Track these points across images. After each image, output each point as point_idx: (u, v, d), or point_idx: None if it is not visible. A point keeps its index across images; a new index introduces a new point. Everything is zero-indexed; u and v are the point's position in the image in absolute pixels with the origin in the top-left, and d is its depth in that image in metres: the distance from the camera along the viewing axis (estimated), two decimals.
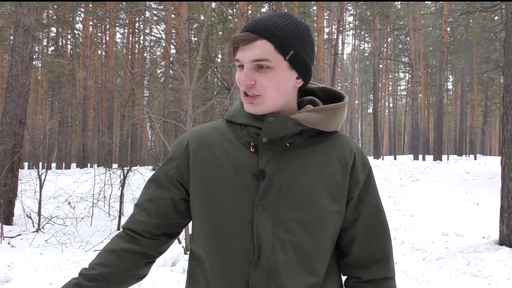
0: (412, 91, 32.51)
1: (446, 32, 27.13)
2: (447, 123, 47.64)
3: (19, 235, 8.00)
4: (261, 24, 1.18)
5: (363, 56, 52.49)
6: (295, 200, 1.20)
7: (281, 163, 1.21)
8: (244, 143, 1.25)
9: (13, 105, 9.31)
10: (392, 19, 31.88)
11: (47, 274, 5.29)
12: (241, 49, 1.19)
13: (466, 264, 5.84)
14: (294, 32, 1.19)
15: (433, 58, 38.47)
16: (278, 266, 1.17)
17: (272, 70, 1.18)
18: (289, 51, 1.18)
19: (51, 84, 31.40)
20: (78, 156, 28.40)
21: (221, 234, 1.21)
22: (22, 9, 9.55)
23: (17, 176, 9.36)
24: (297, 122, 1.21)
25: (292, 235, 1.19)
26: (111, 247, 1.30)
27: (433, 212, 9.76)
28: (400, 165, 20.79)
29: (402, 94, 54.14)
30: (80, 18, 30.53)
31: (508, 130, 6.49)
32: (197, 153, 1.27)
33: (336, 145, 1.27)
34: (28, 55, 9.60)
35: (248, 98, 1.21)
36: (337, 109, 1.26)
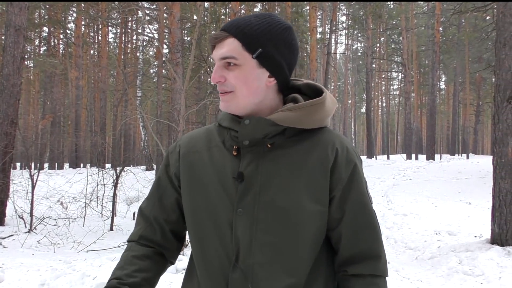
0: (405, 90, 32.60)
1: (438, 31, 27.27)
2: (440, 123, 47.83)
3: (11, 236, 7.96)
4: (234, 23, 1.21)
5: (356, 55, 52.56)
6: (273, 202, 1.20)
7: (260, 164, 1.22)
8: (229, 147, 1.27)
9: (5, 105, 9.27)
10: (384, 19, 31.95)
11: (39, 274, 5.26)
12: (215, 47, 1.23)
13: (458, 263, 5.86)
14: (265, 31, 1.20)
15: (425, 57, 38.56)
16: (256, 267, 1.19)
17: (239, 67, 1.20)
18: (257, 49, 1.19)
19: (43, 84, 31.25)
20: (71, 156, 28.29)
21: (204, 236, 1.26)
22: (13, 8, 9.50)
23: (8, 177, 9.31)
24: (272, 123, 1.21)
25: (270, 237, 1.19)
26: (140, 253, 1.34)
27: (426, 211, 9.80)
28: (393, 164, 20.88)
29: (395, 94, 54.28)
30: (72, 17, 30.38)
31: (500, 130, 6.51)
32: (186, 158, 1.33)
33: (319, 142, 1.25)
34: (20, 55, 9.56)
35: (221, 96, 1.24)
36: (314, 106, 1.24)
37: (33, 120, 33.71)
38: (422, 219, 9.11)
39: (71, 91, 28.66)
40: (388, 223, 8.95)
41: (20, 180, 9.91)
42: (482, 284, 5.13)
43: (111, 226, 9.01)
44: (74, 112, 28.13)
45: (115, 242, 7.50)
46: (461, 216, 9.23)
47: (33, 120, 33.71)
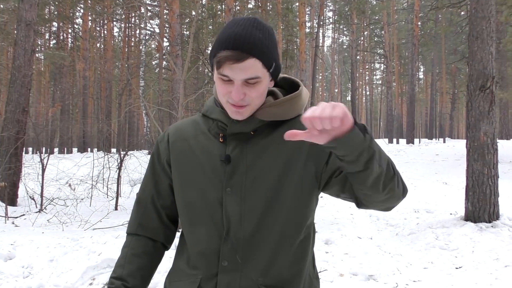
0: (387, 80, 32.58)
1: (417, 26, 27.14)
2: (419, 110, 47.85)
3: (23, 215, 7.88)
4: (248, 41, 1.12)
5: (342, 48, 52.42)
6: (258, 180, 1.20)
7: (245, 148, 1.23)
8: (214, 134, 1.28)
9: (16, 95, 9.16)
10: (368, 14, 31.82)
11: (48, 251, 5.19)
12: (231, 67, 1.12)
13: (435, 238, 5.85)
14: (272, 44, 1.17)
15: (405, 50, 38.44)
16: (245, 241, 1.20)
17: (260, 83, 1.17)
18: (272, 64, 1.17)
19: (53, 75, 31.02)
20: (79, 141, 28.16)
21: (195, 215, 1.26)
22: (24, 5, 9.36)
23: (21, 161, 9.22)
24: (258, 120, 1.22)
25: (257, 212, 1.19)
26: (139, 250, 1.35)
27: None
28: None
29: (378, 83, 54.30)
30: (80, 13, 30.15)
31: (472, 116, 6.48)
32: (174, 145, 1.33)
33: (295, 126, 1.20)
34: (30, 48, 9.42)
35: (236, 107, 1.18)
36: (294, 99, 1.25)
37: (43, 108, 33.47)
38: None
39: (78, 81, 28.45)
40: None
41: (31, 163, 9.81)
42: (456, 258, 5.12)
43: (116, 206, 8.94)
44: (81, 101, 27.96)
45: (119, 221, 7.44)
46: (438, 195, 9.23)
47: (43, 108, 33.47)
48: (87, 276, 4.55)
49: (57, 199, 8.85)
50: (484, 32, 6.39)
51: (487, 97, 6.35)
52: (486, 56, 6.38)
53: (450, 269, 4.80)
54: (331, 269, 4.63)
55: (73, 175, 10.52)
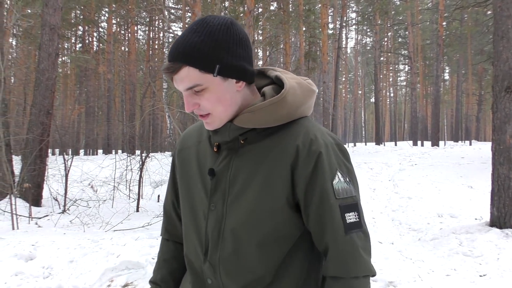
0: (411, 81, 32.10)
1: (442, 26, 26.67)
2: (444, 111, 47.09)
3: (46, 216, 8.00)
4: (179, 49, 1.06)
5: (365, 49, 51.89)
6: (238, 197, 1.12)
7: (232, 160, 1.15)
8: (212, 143, 1.21)
9: (41, 97, 9.32)
10: (391, 15, 31.46)
11: (68, 252, 5.24)
12: (174, 79, 1.09)
13: (459, 244, 5.70)
14: (213, 45, 1.06)
15: (430, 50, 37.87)
16: (221, 262, 1.14)
17: (207, 90, 1.09)
18: (215, 67, 1.06)
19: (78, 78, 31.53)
20: (104, 143, 28.54)
21: (187, 229, 1.24)
22: (48, 9, 9.53)
23: (45, 162, 9.38)
24: (236, 127, 1.13)
25: (236, 232, 1.12)
26: (168, 255, 1.39)
27: (430, 195, 9.60)
28: (400, 150, 20.54)
29: (402, 85, 53.62)
30: (105, 17, 30.62)
31: (498, 118, 6.29)
32: (179, 154, 1.31)
33: (284, 136, 1.13)
34: (54, 51, 9.58)
35: (202, 118, 1.14)
36: (273, 105, 1.11)
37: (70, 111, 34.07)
38: (426, 202, 8.91)
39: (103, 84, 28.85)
40: (394, 205, 8.78)
41: (55, 165, 9.97)
42: (481, 265, 4.96)
43: (137, 208, 9.01)
44: (106, 103, 28.33)
45: (139, 223, 7.48)
46: (463, 200, 9.01)
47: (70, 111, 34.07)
48: (105, 278, 4.57)
49: (80, 200, 8.97)
50: (510, 32, 6.20)
51: None
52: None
53: (474, 277, 4.66)
54: None
55: (96, 176, 10.65)
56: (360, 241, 1.10)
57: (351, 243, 1.08)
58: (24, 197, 8.34)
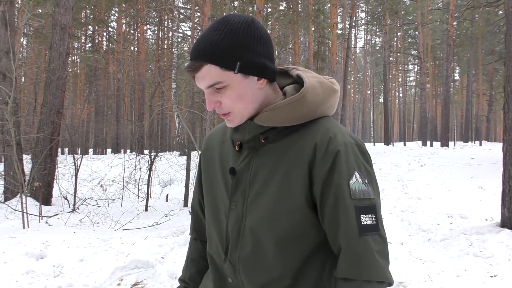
0: (421, 81, 31.94)
1: (452, 26, 26.48)
2: (454, 112, 46.76)
3: (56, 215, 8.06)
4: (200, 48, 1.07)
5: (374, 49, 51.70)
6: (257, 196, 1.12)
7: (253, 159, 1.15)
8: (235, 142, 1.22)
9: (51, 97, 9.38)
10: (401, 15, 31.28)
11: (78, 251, 5.27)
12: (195, 78, 1.11)
13: (469, 245, 5.65)
14: (234, 42, 1.07)
15: (440, 50, 37.66)
16: (240, 261, 1.15)
17: (228, 87, 1.09)
18: (236, 64, 1.07)
19: (88, 77, 31.72)
20: (113, 143, 28.68)
21: (209, 227, 1.26)
22: (59, 9, 9.58)
23: (55, 161, 9.45)
24: (256, 125, 1.14)
25: (255, 231, 1.12)
26: (196, 254, 1.42)
27: (439, 195, 9.54)
28: (409, 150, 20.41)
29: (411, 85, 53.35)
30: (114, 17, 30.77)
31: (510, 118, 6.23)
32: (204, 154, 1.33)
33: (304, 135, 1.12)
34: (65, 51, 9.64)
35: (224, 116, 1.15)
36: (292, 104, 1.11)
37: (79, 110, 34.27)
38: (436, 202, 8.86)
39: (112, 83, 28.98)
40: (403, 206, 8.73)
41: (65, 164, 10.04)
42: (491, 266, 4.92)
43: (146, 207, 9.04)
44: (115, 103, 28.47)
45: (148, 222, 7.51)
46: (473, 200, 8.94)
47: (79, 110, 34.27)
48: (115, 277, 4.60)
49: (89, 199, 9.02)
50: None
51: None
52: None
53: (485, 278, 4.62)
54: None
55: (105, 175, 10.70)
56: (376, 244, 1.06)
57: (365, 245, 1.05)
58: (34, 196, 8.41)
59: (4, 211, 7.81)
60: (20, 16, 17.80)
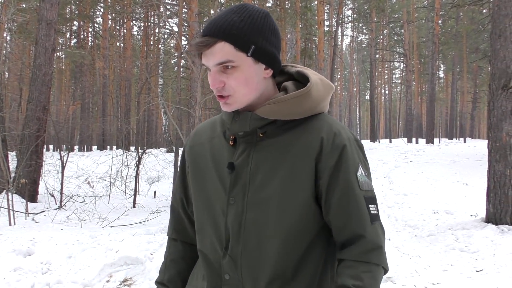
0: (406, 79, 32.25)
1: (437, 24, 26.78)
2: (439, 109, 47.27)
3: (43, 212, 7.99)
4: (217, 25, 1.08)
5: (360, 47, 51.98)
6: (260, 190, 1.12)
7: (252, 154, 1.15)
8: (227, 137, 1.21)
9: (37, 93, 9.28)
10: (387, 13, 31.48)
11: (66, 248, 5.24)
12: (204, 54, 1.10)
13: (455, 240, 5.74)
14: (251, 26, 1.09)
15: (425, 48, 37.99)
16: (243, 256, 1.14)
17: (237, 69, 1.09)
18: (250, 47, 1.09)
19: (73, 73, 31.41)
20: (98, 139, 28.47)
21: (202, 226, 1.23)
22: (45, 4, 9.47)
23: (41, 158, 9.35)
24: (258, 117, 1.14)
25: (257, 225, 1.12)
26: (176, 255, 1.36)
27: (425, 192, 9.66)
28: (395, 147, 20.62)
29: (397, 82, 53.74)
30: (100, 12, 30.50)
31: (495, 116, 6.34)
32: (191, 151, 1.30)
33: (306, 130, 1.15)
34: (51, 46, 9.53)
35: (221, 99, 1.13)
36: (298, 98, 1.14)
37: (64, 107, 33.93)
38: (422, 198, 8.97)
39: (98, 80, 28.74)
40: (390, 202, 8.82)
41: (51, 161, 9.94)
42: (477, 260, 5.01)
43: (134, 204, 9.01)
44: (101, 99, 28.25)
45: (137, 218, 7.49)
46: (458, 196, 9.07)
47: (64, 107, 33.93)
48: (104, 273, 4.58)
49: (76, 196, 8.97)
50: (507, 30, 6.24)
51: (510, 97, 6.20)
52: (509, 55, 6.22)
53: (471, 272, 4.70)
54: None
55: (92, 172, 10.64)
56: (382, 232, 1.14)
57: (376, 232, 1.12)
58: (20, 193, 8.33)
59: None
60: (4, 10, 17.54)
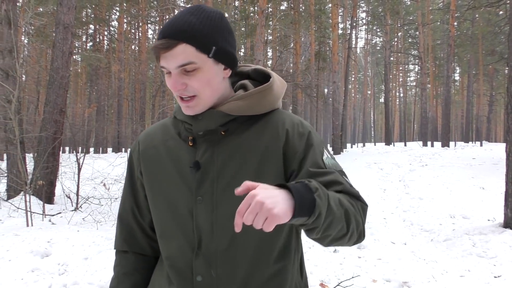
0: (421, 82, 31.94)
1: (453, 26, 26.49)
2: (454, 112, 46.80)
3: (59, 213, 8.06)
4: (177, 27, 1.08)
5: (375, 49, 51.73)
6: (229, 187, 1.11)
7: (215, 152, 1.15)
8: (184, 138, 1.20)
9: (54, 96, 9.37)
10: (402, 15, 31.31)
11: (83, 249, 5.28)
12: (164, 57, 1.09)
13: (472, 245, 5.67)
14: (211, 28, 1.10)
15: (441, 51, 37.73)
16: (218, 253, 1.12)
17: (199, 70, 1.09)
18: (211, 48, 1.09)
19: (89, 76, 31.72)
20: (114, 141, 28.69)
21: (166, 228, 1.20)
22: (62, 8, 9.57)
23: (58, 160, 9.43)
24: (224, 114, 1.15)
25: (230, 222, 1.09)
26: (128, 268, 1.31)
27: (441, 196, 9.55)
28: (409, 151, 20.43)
29: (412, 85, 53.39)
30: (115, 16, 30.77)
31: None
32: (144, 154, 1.26)
33: (269, 124, 1.17)
34: (68, 50, 9.62)
35: (184, 102, 1.13)
36: (263, 92, 1.17)
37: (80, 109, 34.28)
38: (437, 202, 8.87)
39: (113, 83, 28.99)
40: (405, 206, 8.74)
41: (68, 163, 10.03)
42: (495, 266, 4.94)
43: None
44: (116, 102, 28.48)
45: None
46: (475, 201, 8.95)
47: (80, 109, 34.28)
48: None
49: (92, 198, 9.02)
50: None
51: None
52: None
53: (488, 278, 4.64)
54: (363, 275, 4.54)
55: (107, 174, 10.70)
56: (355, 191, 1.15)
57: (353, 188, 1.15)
58: (37, 195, 8.42)
59: (8, 209, 7.82)
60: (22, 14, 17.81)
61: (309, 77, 19.45)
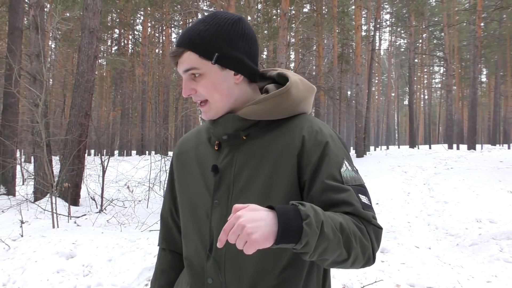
0: (447, 83, 31.44)
1: (479, 27, 26.00)
2: (481, 114, 45.94)
3: (84, 215, 8.18)
4: (185, 36, 1.15)
5: (399, 51, 51.16)
6: (244, 191, 1.13)
7: (235, 156, 1.17)
8: (212, 142, 1.24)
9: (80, 99, 9.54)
10: (427, 16, 30.90)
11: (107, 251, 5.35)
12: (178, 63, 1.17)
13: (499, 250, 5.54)
14: (215, 34, 1.13)
15: (467, 52, 37.04)
16: (227, 257, 1.13)
17: (204, 76, 1.14)
18: (213, 55, 1.12)
19: (114, 80, 32.19)
20: (138, 144, 29.03)
21: (187, 229, 1.24)
22: (88, 13, 9.74)
23: (83, 163, 9.59)
24: (240, 118, 1.16)
25: None
26: (166, 266, 1.38)
27: (467, 199, 9.36)
28: (434, 154, 20.10)
29: (437, 87, 52.58)
30: (140, 20, 31.17)
31: None
32: (177, 159, 1.33)
33: (287, 129, 1.16)
34: (93, 54, 9.78)
35: (200, 107, 1.18)
36: (277, 97, 1.16)
37: (105, 112, 34.82)
38: (463, 206, 8.69)
39: (138, 86, 29.36)
40: (430, 210, 8.60)
41: (93, 165, 10.20)
42: None
43: None
44: (140, 105, 28.82)
45: None
46: (502, 205, 8.74)
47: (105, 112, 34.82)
48: (142, 277, 4.65)
49: (116, 200, 9.14)
50: None
51: None
52: None
53: None
54: (387, 279, 4.48)
55: (131, 177, 10.83)
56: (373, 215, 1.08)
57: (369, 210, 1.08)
58: (63, 197, 8.57)
59: (34, 211, 7.98)
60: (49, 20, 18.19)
61: (332, 79, 19.34)
